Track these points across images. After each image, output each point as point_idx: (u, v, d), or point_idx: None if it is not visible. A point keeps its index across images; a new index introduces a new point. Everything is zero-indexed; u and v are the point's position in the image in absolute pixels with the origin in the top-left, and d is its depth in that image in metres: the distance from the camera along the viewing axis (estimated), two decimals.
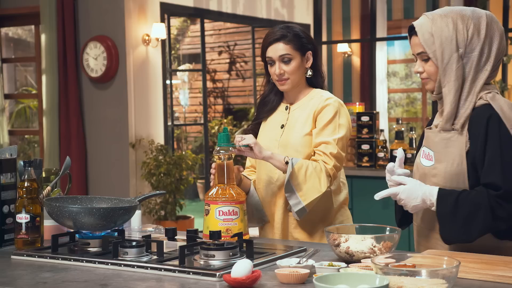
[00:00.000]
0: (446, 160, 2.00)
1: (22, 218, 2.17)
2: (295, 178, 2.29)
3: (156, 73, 6.13)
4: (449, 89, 2.00)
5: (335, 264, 1.80)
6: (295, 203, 2.30)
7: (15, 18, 6.58)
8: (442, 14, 2.03)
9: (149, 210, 5.89)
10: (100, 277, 1.81)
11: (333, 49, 8.19)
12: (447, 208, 1.94)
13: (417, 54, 2.06)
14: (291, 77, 2.41)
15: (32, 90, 8.31)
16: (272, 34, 2.42)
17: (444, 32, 2.00)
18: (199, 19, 7.09)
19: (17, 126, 8.82)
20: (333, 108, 2.38)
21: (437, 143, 2.04)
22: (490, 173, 1.93)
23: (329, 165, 2.33)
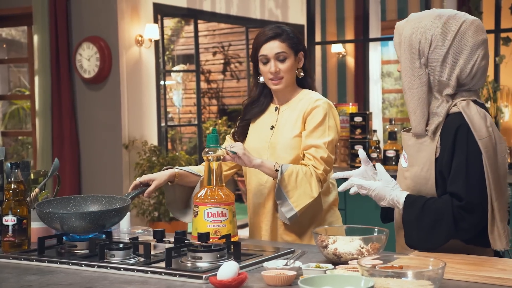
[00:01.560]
0: (417, 164, 2.00)
1: (9, 221, 2.16)
2: (286, 185, 2.29)
3: (149, 74, 6.12)
4: (411, 96, 1.98)
5: (322, 266, 1.79)
6: (287, 209, 2.30)
7: (8, 18, 6.57)
8: (418, 17, 2.01)
9: (142, 212, 5.87)
10: (86, 280, 1.80)
11: (328, 49, 8.18)
12: (412, 215, 1.96)
13: None
14: (285, 76, 2.40)
15: (25, 91, 8.28)
16: (266, 33, 2.41)
17: (410, 38, 1.99)
18: (192, 20, 7.08)
19: (11, 127, 8.79)
20: (323, 110, 2.37)
21: (410, 147, 2.04)
22: (454, 183, 1.92)
23: (319, 170, 2.34)
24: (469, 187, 1.89)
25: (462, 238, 1.95)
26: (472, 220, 1.90)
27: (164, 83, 6.73)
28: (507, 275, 1.72)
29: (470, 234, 1.94)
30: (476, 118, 1.93)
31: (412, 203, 1.96)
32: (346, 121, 5.04)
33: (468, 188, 1.89)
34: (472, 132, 1.91)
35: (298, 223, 2.39)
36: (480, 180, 1.90)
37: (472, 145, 1.91)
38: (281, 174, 2.28)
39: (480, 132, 1.91)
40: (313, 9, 5.87)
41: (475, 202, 1.89)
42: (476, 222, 1.91)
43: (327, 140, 2.35)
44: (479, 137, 1.91)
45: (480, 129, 1.92)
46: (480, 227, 1.92)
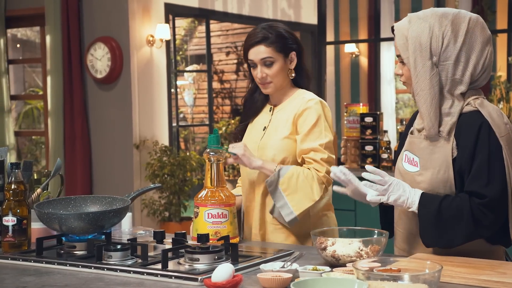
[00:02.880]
0: (432, 167, 1.95)
1: (9, 221, 2.16)
2: (285, 188, 2.25)
3: (160, 74, 6.12)
4: (424, 98, 1.93)
5: (319, 268, 1.77)
6: (287, 213, 2.26)
7: (21, 19, 6.60)
8: (421, 17, 1.95)
9: (153, 211, 5.88)
10: (82, 281, 1.80)
11: (341, 49, 8.14)
12: (430, 212, 1.90)
13: (397, 56, 2.01)
14: (273, 80, 2.35)
15: (39, 91, 8.33)
16: (253, 36, 2.34)
17: (418, 38, 1.93)
18: (204, 20, 7.07)
19: (25, 127, 8.85)
20: (315, 111, 2.31)
21: (422, 150, 1.99)
22: (476, 181, 1.88)
23: (321, 172, 2.28)
24: (491, 185, 1.87)
25: (482, 236, 1.92)
26: (493, 218, 1.88)
27: (176, 83, 6.74)
28: (507, 279, 1.69)
29: (490, 232, 1.91)
30: (494, 115, 1.91)
31: (429, 201, 1.91)
32: (356, 121, 5.00)
33: (491, 186, 1.87)
34: (494, 130, 1.89)
35: (283, 228, 2.34)
36: (502, 177, 1.88)
37: (494, 143, 1.88)
38: (277, 175, 2.24)
39: (500, 129, 1.90)
40: (324, 9, 5.85)
41: (497, 199, 1.87)
42: (496, 219, 1.89)
43: (325, 141, 2.30)
44: (500, 134, 1.89)
45: (500, 126, 1.90)
46: (499, 225, 1.91)
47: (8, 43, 6.73)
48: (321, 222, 2.38)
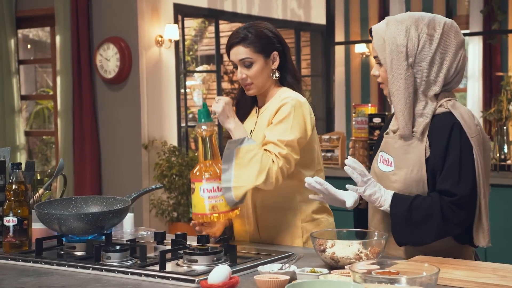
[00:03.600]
0: (406, 167, 2.00)
1: (10, 221, 2.16)
2: (239, 157, 2.12)
3: (169, 74, 6.13)
4: (398, 98, 1.98)
5: (317, 271, 1.76)
6: (226, 179, 2.10)
7: (32, 19, 6.63)
8: (399, 20, 2.00)
9: (161, 212, 5.88)
10: (79, 282, 1.79)
11: (351, 50, 8.11)
12: (401, 211, 1.95)
13: (374, 57, 2.04)
14: (254, 82, 2.28)
15: (50, 91, 8.37)
16: (233, 36, 2.28)
17: (395, 40, 1.97)
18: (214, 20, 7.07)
19: (36, 127, 8.89)
20: (289, 107, 2.21)
21: (396, 149, 2.03)
22: (447, 180, 1.94)
23: (276, 165, 2.15)
24: (462, 183, 1.92)
25: (452, 234, 1.97)
26: (462, 216, 1.93)
27: (185, 83, 6.74)
28: (508, 282, 1.67)
29: (460, 230, 1.96)
30: (466, 117, 1.97)
31: (400, 201, 1.97)
32: (364, 122, 4.98)
33: (461, 184, 1.92)
34: (465, 130, 1.95)
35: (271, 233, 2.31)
36: (472, 176, 1.94)
37: (465, 143, 1.94)
38: (241, 144, 2.13)
39: (471, 130, 1.96)
40: (332, 9, 5.82)
41: (467, 197, 1.93)
42: (466, 217, 1.95)
43: (287, 138, 2.18)
44: (471, 135, 1.95)
45: (471, 127, 1.96)
46: (468, 223, 1.96)
47: (19, 43, 6.77)
48: (320, 227, 2.32)
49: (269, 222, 2.32)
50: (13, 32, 6.48)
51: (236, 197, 2.10)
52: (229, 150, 2.13)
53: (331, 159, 5.12)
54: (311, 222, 2.32)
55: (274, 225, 2.32)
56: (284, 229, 2.31)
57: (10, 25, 6.44)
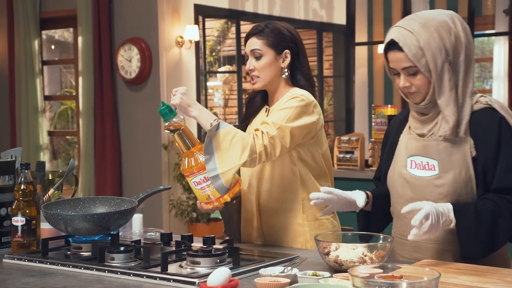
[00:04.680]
0: (453, 168, 1.94)
1: (18, 221, 2.18)
2: (219, 143, 2.08)
3: (189, 75, 6.14)
4: (446, 100, 1.94)
5: (319, 274, 1.74)
6: (211, 168, 2.08)
7: (55, 21, 6.70)
8: (421, 23, 1.93)
9: (181, 212, 5.90)
10: (81, 283, 1.80)
11: (374, 50, 8.05)
12: (468, 224, 1.88)
13: (402, 69, 1.95)
14: (261, 75, 2.26)
15: (73, 91, 8.46)
16: (251, 29, 2.31)
17: (432, 43, 1.92)
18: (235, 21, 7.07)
19: (60, 127, 8.98)
20: (296, 101, 2.18)
21: (441, 152, 1.97)
22: (507, 177, 1.89)
23: (259, 140, 2.10)
24: None
25: None
26: None
27: (205, 84, 6.75)
28: None
29: None
30: (506, 110, 1.95)
31: (464, 211, 1.89)
32: (384, 123, 4.93)
33: None
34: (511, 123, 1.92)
35: (273, 234, 2.31)
36: None
37: None
38: (217, 130, 2.09)
39: None
40: (353, 10, 5.78)
41: None
42: None
43: (282, 123, 2.13)
44: None
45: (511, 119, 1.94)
46: None
47: (43, 44, 6.84)
48: (323, 228, 2.31)
49: (274, 224, 2.31)
50: (37, 33, 6.56)
51: (226, 182, 2.08)
52: (208, 139, 2.10)
53: (350, 161, 5.08)
54: (314, 221, 2.30)
55: (278, 228, 2.30)
56: (288, 230, 2.30)
57: (34, 26, 6.52)
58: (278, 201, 2.30)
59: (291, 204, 2.29)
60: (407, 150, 2.04)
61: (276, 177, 2.29)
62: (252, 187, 2.34)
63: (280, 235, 2.31)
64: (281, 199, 2.29)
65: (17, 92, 6.57)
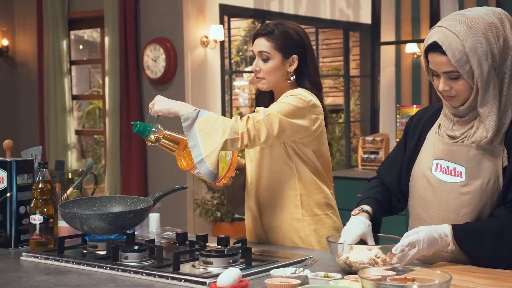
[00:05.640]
0: (482, 177, 1.87)
1: (36, 219, 2.21)
2: (201, 129, 2.07)
3: (214, 75, 6.16)
4: (489, 109, 1.84)
5: (331, 275, 1.73)
6: (197, 154, 2.05)
7: (83, 21, 6.78)
8: (468, 26, 1.82)
9: (205, 211, 5.92)
10: (94, 282, 1.81)
11: (402, 49, 7.98)
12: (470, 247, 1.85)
13: (443, 72, 1.86)
14: (266, 77, 2.26)
15: (100, 91, 8.55)
16: (261, 28, 2.30)
17: (479, 49, 1.81)
18: (260, 21, 7.07)
19: (88, 126, 9.08)
20: (294, 98, 2.17)
21: (470, 159, 1.89)
22: None
23: (242, 123, 2.08)
24: None
25: None
26: None
27: (230, 84, 6.76)
28: None
29: None
30: None
31: (464, 235, 1.85)
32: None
33: None
34: None
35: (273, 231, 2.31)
36: None
37: None
38: (196, 114, 2.09)
39: None
40: (378, 9, 5.74)
41: None
42: None
43: (271, 111, 2.11)
44: None
45: None
46: None
47: (71, 44, 6.92)
48: (322, 223, 2.30)
49: (274, 220, 2.32)
50: (65, 33, 6.64)
51: (211, 165, 2.05)
52: (188, 124, 2.10)
53: (374, 161, 5.05)
54: (313, 217, 2.29)
55: (279, 223, 2.31)
56: (288, 226, 2.30)
57: (62, 27, 6.60)
58: (277, 197, 2.30)
59: (290, 200, 2.28)
60: (434, 151, 1.97)
61: (273, 173, 2.30)
62: (252, 184, 2.35)
63: (280, 231, 2.31)
64: (279, 195, 2.30)
65: (45, 92, 6.66)
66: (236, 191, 2.44)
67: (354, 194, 4.94)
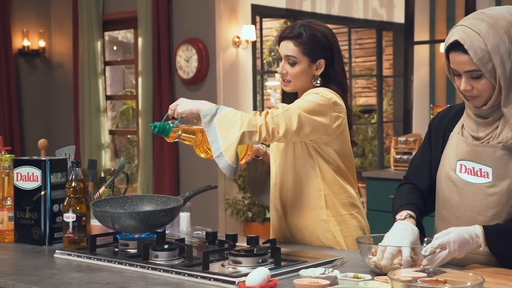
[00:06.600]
0: (509, 177, 1.85)
1: (69, 218, 2.24)
2: (220, 124, 2.06)
3: (246, 75, 6.17)
4: None
5: (360, 276, 1.72)
6: (216, 149, 2.04)
7: (117, 22, 6.85)
8: (490, 24, 1.80)
9: (236, 211, 5.93)
10: (124, 280, 1.83)
11: (436, 49, 7.89)
12: (501, 249, 1.83)
13: (464, 72, 1.83)
14: (292, 81, 2.27)
15: (134, 91, 8.64)
16: (288, 29, 2.28)
17: (501, 47, 1.79)
18: (292, 21, 7.06)
19: (122, 126, 9.18)
20: (313, 97, 2.17)
21: (497, 159, 1.86)
22: None
23: (261, 116, 2.08)
24: None
25: None
26: None
27: (262, 84, 6.77)
28: None
29: None
30: None
31: (496, 237, 1.83)
32: None
33: None
34: None
35: (299, 232, 2.31)
36: None
37: None
38: (216, 110, 2.09)
39: None
40: (412, 8, 5.69)
41: None
42: None
43: (291, 107, 2.12)
44: None
45: None
46: None
47: (105, 45, 7.01)
48: (347, 223, 2.29)
49: (299, 221, 2.31)
50: (100, 34, 6.72)
51: (230, 158, 2.03)
52: (208, 119, 2.08)
53: (407, 162, 5.00)
54: (338, 217, 2.28)
55: (305, 225, 2.30)
56: (314, 227, 2.29)
57: (97, 28, 6.68)
58: (301, 198, 2.30)
59: (314, 201, 2.28)
60: (457, 152, 1.94)
61: (297, 174, 2.29)
62: (277, 185, 2.35)
63: (307, 232, 2.30)
64: (304, 196, 2.29)
65: (80, 92, 6.76)
66: (258, 176, 2.47)
67: (386, 194, 4.92)
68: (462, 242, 1.79)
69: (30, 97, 6.99)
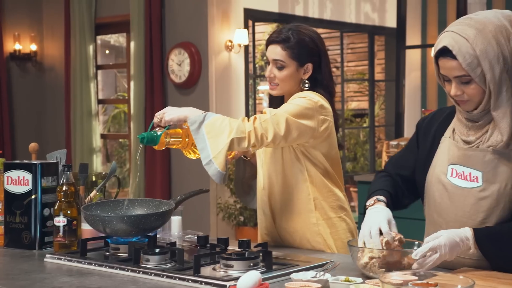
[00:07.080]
0: (499, 181, 1.86)
1: (60, 221, 2.23)
2: (209, 131, 2.06)
3: (238, 79, 6.17)
4: (503, 113, 1.82)
5: (351, 280, 1.72)
6: (205, 156, 2.05)
7: (109, 26, 6.84)
8: (478, 29, 1.80)
9: (228, 215, 5.93)
10: (115, 284, 1.82)
11: (428, 53, 7.92)
12: (492, 252, 1.84)
13: (454, 77, 1.84)
14: (280, 84, 2.27)
15: (126, 95, 8.64)
16: (276, 33, 2.28)
17: (490, 52, 1.79)
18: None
19: (114, 130, 9.16)
20: (300, 100, 2.18)
21: (487, 163, 1.87)
22: None
23: (249, 122, 2.09)
24: None
25: None
26: None
27: (254, 88, 6.77)
28: None
29: None
30: None
31: (486, 239, 1.83)
32: None
33: None
34: None
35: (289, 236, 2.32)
36: None
37: None
38: (203, 117, 2.09)
39: None
40: (403, 12, 5.71)
41: None
42: None
43: (278, 111, 2.12)
44: None
45: None
46: None
47: (97, 49, 6.99)
48: (336, 226, 2.30)
49: (289, 226, 2.32)
50: (92, 38, 6.70)
51: (219, 165, 2.04)
52: (196, 127, 2.09)
53: None
54: (327, 220, 2.29)
55: (294, 229, 2.30)
56: (304, 230, 2.29)
57: (89, 32, 6.67)
58: (290, 202, 2.30)
59: (303, 204, 2.28)
60: (449, 156, 1.95)
61: (285, 178, 2.30)
62: (265, 189, 2.35)
63: (297, 236, 2.31)
64: (293, 199, 2.30)
65: (72, 96, 6.73)
66: (246, 179, 2.48)
67: None
68: (453, 245, 1.79)
69: (21, 101, 6.96)
